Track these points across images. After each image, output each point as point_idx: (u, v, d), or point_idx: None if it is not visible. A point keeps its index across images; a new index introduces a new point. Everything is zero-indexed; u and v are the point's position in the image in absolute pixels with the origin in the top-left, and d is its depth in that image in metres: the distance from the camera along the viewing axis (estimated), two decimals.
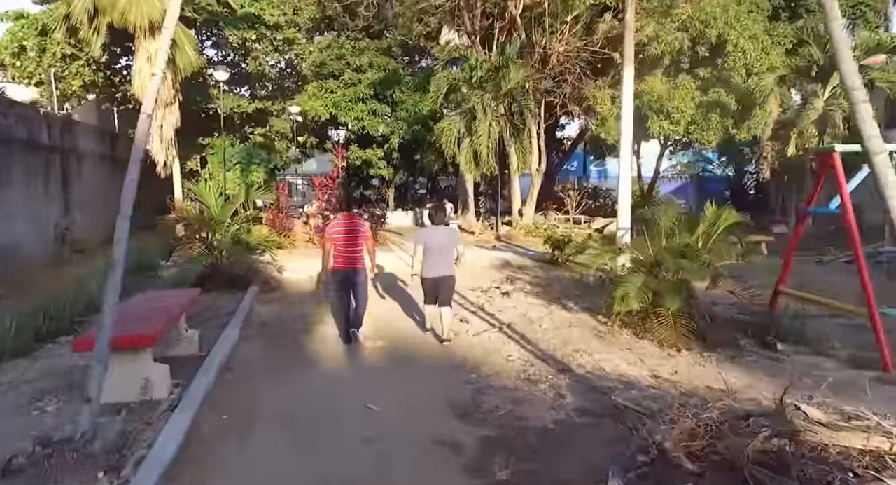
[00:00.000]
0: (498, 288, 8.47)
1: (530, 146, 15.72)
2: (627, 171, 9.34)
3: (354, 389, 4.48)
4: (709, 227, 5.91)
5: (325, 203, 14.36)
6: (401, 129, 19.48)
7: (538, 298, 7.77)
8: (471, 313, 7.03)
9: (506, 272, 10.03)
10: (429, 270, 5.67)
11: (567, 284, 8.84)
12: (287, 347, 5.63)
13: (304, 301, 7.74)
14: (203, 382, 4.35)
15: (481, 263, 11.10)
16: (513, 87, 14.20)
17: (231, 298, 7.64)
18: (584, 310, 6.94)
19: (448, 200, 21.00)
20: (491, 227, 18.23)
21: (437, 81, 14.84)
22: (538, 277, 9.44)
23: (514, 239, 15.23)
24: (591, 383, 4.47)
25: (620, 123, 9.19)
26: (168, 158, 13.39)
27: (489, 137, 14.19)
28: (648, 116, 13.62)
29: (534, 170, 16.33)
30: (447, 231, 5.92)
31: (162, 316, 4.45)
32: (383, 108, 19.19)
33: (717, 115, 13.44)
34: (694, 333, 5.34)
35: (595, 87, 14.96)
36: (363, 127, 18.97)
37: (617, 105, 14.98)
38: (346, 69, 18.85)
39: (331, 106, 18.53)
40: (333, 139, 23.13)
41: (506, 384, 4.55)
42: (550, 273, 9.92)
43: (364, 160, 20.36)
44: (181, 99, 13.40)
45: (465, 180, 19.35)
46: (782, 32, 13.74)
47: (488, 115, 14.07)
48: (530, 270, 10.23)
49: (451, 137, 14.52)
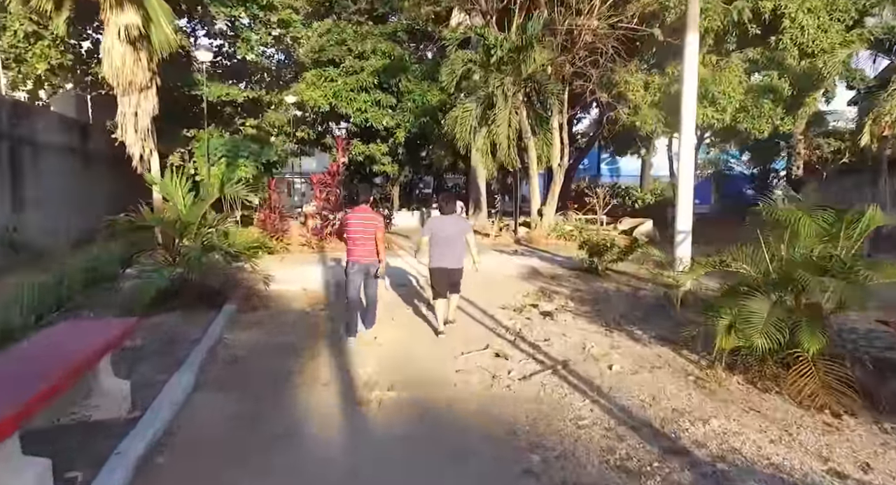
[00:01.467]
0: (535, 306, 6.80)
1: (552, 138, 14.05)
2: (690, 157, 7.66)
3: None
4: (851, 231, 4.20)
5: (323, 202, 12.74)
6: (407, 121, 17.82)
7: (591, 321, 6.09)
8: (508, 344, 5.35)
9: (537, 284, 8.36)
10: (436, 261, 5.59)
11: (619, 301, 7.15)
12: (263, 401, 3.97)
13: (295, 324, 6.09)
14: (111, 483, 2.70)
15: (505, 272, 9.43)
16: (535, 71, 12.54)
17: (200, 319, 5.99)
18: (659, 341, 5.26)
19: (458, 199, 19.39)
20: (506, 228, 16.55)
21: (450, 64, 13.17)
22: (580, 291, 7.76)
23: (536, 242, 13.55)
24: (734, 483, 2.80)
25: (682, 99, 7.51)
26: (145, 151, 11.73)
27: (509, 125, 12.52)
28: None
29: (555, 165, 14.66)
30: (456, 220, 5.85)
31: (57, 371, 2.81)
32: (388, 99, 17.52)
33: (768, 102, 11.76)
34: (852, 387, 3.65)
35: (626, 72, 13.29)
36: (366, 119, 17.31)
37: (651, 91, 13.35)
38: (348, 56, 17.19)
39: (331, 96, 16.88)
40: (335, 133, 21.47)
41: (590, 478, 2.89)
42: (592, 285, 8.24)
43: (367, 156, 18.71)
44: (159, 83, 11.75)
45: (477, 177, 17.72)
46: (842, 6, 12.04)
47: (508, 102, 12.41)
48: (567, 282, 8.55)
49: (466, 126, 12.86)
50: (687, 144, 7.57)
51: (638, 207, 21.99)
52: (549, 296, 7.41)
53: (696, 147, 16.26)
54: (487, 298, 7.29)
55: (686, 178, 7.60)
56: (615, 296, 7.44)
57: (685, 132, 7.57)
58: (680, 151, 7.60)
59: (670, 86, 12.69)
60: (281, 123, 16.73)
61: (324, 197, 12.59)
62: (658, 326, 5.77)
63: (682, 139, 7.60)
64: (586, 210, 17.93)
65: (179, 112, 13.24)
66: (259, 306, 6.84)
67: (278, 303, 7.19)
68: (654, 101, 13.06)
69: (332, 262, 10.44)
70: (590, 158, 30.91)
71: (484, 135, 13.25)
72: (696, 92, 7.53)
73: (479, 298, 7.29)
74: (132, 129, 11.36)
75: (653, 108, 12.89)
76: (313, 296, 7.69)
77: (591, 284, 8.30)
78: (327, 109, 17.25)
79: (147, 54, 11.03)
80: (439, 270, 5.57)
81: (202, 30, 19.98)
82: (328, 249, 12.28)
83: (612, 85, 13.51)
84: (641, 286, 8.09)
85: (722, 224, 18.70)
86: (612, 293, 7.59)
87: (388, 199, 21.79)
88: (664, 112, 12.66)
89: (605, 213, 17.91)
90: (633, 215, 17.71)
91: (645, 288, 7.98)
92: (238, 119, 15.11)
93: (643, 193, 23.07)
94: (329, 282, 8.59)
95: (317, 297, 7.64)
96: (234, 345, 5.27)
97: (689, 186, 7.68)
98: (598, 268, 9.01)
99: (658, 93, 12.97)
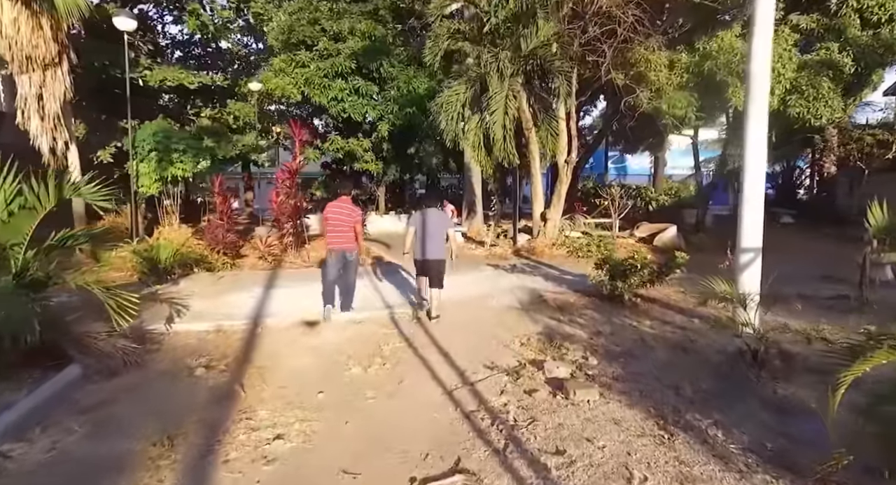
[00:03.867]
0: (539, 366, 4.50)
1: (558, 128, 11.75)
2: (762, 144, 5.31)
3: None
4: None
5: (279, 207, 10.47)
6: (391, 112, 15.53)
7: (629, 403, 3.80)
8: (494, 463, 3.06)
9: (542, 320, 6.08)
10: (420, 252, 6.08)
11: (667, 358, 4.84)
12: None
13: (164, 408, 3.81)
14: None
15: (499, 299, 7.16)
16: (538, 47, 10.24)
17: (19, 390, 3.76)
18: (761, 458, 2.96)
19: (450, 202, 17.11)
20: (504, 235, 14.25)
21: (433, 37, 10.86)
22: (603, 336, 5.47)
23: (540, 254, 11.26)
24: None
25: (750, 68, 5.21)
26: (57, 143, 9.50)
27: (506, 113, 10.23)
28: (727, 84, 9.66)
29: (561, 161, 12.34)
30: (438, 215, 6.25)
31: None
32: (368, 87, 15.25)
33: (827, 81, 9.44)
34: None
35: (647, 49, 10.99)
36: (343, 110, 15.03)
37: (676, 72, 11.04)
38: (322, 37, 14.90)
39: (302, 83, 14.59)
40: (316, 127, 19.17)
41: None
42: (619, 323, 5.95)
43: (347, 152, 16.43)
44: (74, 61, 9.51)
45: (471, 175, 15.42)
46: None
47: (505, 84, 10.11)
48: (583, 317, 6.25)
49: (453, 112, 10.58)
50: (756, 123, 5.24)
51: (652, 209, 19.64)
52: (558, 345, 5.12)
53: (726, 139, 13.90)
54: (472, 346, 5.06)
55: (755, 174, 5.29)
56: (658, 345, 5.13)
57: (755, 112, 5.26)
58: (747, 134, 5.28)
59: (701, 64, 10.41)
60: (248, 115, 14.47)
61: (279, 201, 10.32)
62: (746, 416, 3.49)
63: (751, 122, 5.28)
64: (596, 213, 15.65)
65: (114, 99, 10.98)
66: (127, 365, 4.56)
67: (164, 356, 4.93)
68: (680, 84, 10.76)
69: (283, 284, 8.16)
70: (595, 156, 28.61)
71: (475, 124, 10.97)
72: (768, 57, 5.21)
73: (460, 346, 5.06)
74: (36, 115, 9.13)
75: (679, 92, 10.60)
76: (226, 342, 5.42)
77: (616, 321, 6.00)
78: (299, 99, 14.97)
79: (51, 21, 8.80)
80: (422, 261, 6.13)
81: (169, 16, 17.91)
82: (287, 266, 10.02)
83: (630, 65, 11.21)
84: (689, 325, 5.79)
85: None
86: (650, 341, 5.28)
87: (374, 200, 19.51)
88: (696, 95, 10.39)
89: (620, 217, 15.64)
90: (649, 219, 15.38)
91: (693, 327, 5.68)
92: (191, 109, 12.83)
93: (657, 193, 20.73)
94: (262, 315, 6.31)
95: (230, 343, 5.38)
96: (8, 471, 3.00)
97: (759, 186, 5.36)
98: (622, 295, 6.72)
99: (686, 73, 10.68)
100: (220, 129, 13.07)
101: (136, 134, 9.86)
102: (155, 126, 10.15)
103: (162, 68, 12.03)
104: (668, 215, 16.04)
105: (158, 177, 9.72)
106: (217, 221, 10.18)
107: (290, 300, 7.07)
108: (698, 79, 10.70)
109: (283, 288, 7.96)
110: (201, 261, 9.03)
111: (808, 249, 12.43)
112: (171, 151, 9.88)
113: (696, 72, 10.46)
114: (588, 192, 22.52)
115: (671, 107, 10.35)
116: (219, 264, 9.23)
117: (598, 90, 14.19)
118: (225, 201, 10.13)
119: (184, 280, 8.35)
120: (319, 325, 6.01)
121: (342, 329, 5.92)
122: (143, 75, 10.83)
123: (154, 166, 9.83)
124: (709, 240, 12.57)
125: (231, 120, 13.92)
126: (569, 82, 10.18)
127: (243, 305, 6.85)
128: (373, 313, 6.46)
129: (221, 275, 8.84)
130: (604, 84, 11.81)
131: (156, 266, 8.07)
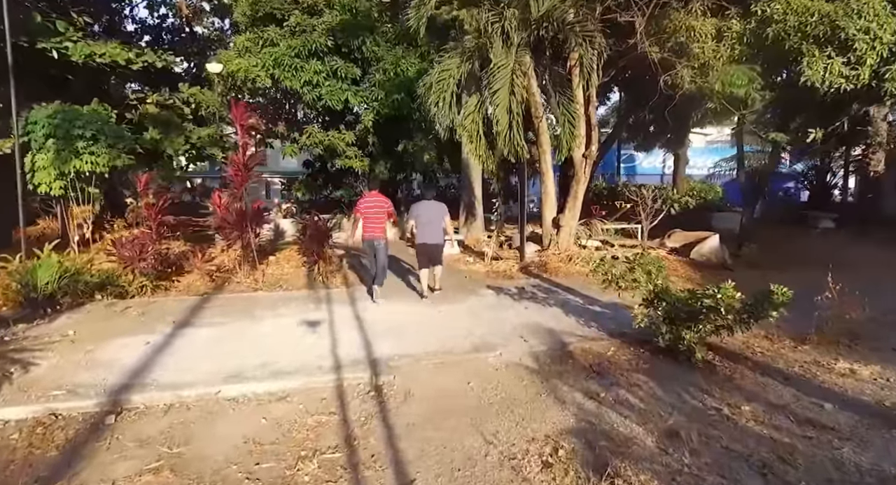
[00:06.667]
0: None
1: (576, 114, 9.46)
2: None
3: None
4: None
5: (223, 211, 8.21)
6: (376, 100, 13.29)
7: None
8: None
9: (574, 401, 3.83)
10: (420, 238, 6.91)
11: None
12: None
13: None
14: None
15: (504, 352, 4.88)
16: (553, 7, 7.96)
17: None
18: None
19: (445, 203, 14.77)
20: (508, 243, 11.98)
21: None
22: (676, 438, 3.17)
23: (553, 271, 8.99)
24: None
25: None
26: None
27: (512, 92, 7.96)
28: (803, 53, 7.38)
29: (578, 155, 10.06)
30: (435, 205, 7.03)
31: None
32: (349, 69, 13.00)
33: None
34: None
35: (687, 14, 8.70)
36: (319, 96, 12.78)
37: (726, 43, 8.73)
38: (294, 9, 12.67)
39: (271, 65, 12.35)
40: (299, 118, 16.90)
41: None
42: (694, 403, 3.67)
43: (326, 147, 14.18)
44: None
45: (469, 173, 13.20)
46: None
47: (512, 53, 7.84)
48: (637, 393, 3.98)
49: (444, 93, 8.33)
50: None
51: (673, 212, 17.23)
52: (609, 475, 2.83)
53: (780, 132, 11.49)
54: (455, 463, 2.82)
55: None
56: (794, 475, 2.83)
57: None
58: None
59: (759, 31, 8.12)
60: (208, 103, 12.24)
61: (223, 204, 8.07)
62: None
63: None
64: (617, 217, 13.35)
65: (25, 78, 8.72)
66: None
67: None
68: (731, 56, 8.45)
69: (211, 320, 5.89)
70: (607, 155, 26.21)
71: (474, 108, 8.71)
72: None
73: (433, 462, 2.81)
74: None
75: (734, 66, 8.29)
76: (42, 444, 3.18)
77: (693, 403, 3.72)
78: (268, 84, 12.72)
79: None
80: (423, 245, 6.94)
81: None
82: (232, 289, 7.79)
83: (667, 35, 8.92)
84: (825, 419, 3.49)
85: (777, 233, 14.14)
86: (774, 463, 2.97)
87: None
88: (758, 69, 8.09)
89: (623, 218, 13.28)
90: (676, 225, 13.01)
91: (841, 425, 3.37)
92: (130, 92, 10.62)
93: (679, 194, 18.34)
94: (139, 384, 4.03)
95: (46, 448, 3.13)
96: None
97: None
98: (689, 351, 4.43)
99: (739, 44, 8.38)
100: (169, 118, 10.82)
101: (28, 116, 7.64)
102: (55, 107, 7.92)
103: (90, 42, 9.79)
104: (693, 220, 13.68)
105: (59, 172, 7.49)
106: (144, 230, 7.95)
107: (204, 351, 4.85)
108: (754, 50, 8.40)
109: (207, 326, 5.72)
110: (109, 284, 6.78)
111: (877, 260, 10.14)
112: (73, 138, 7.63)
113: (753, 42, 8.16)
114: (600, 193, 20.21)
115: (727, 84, 8.04)
116: (134, 288, 6.97)
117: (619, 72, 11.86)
118: (153, 207, 7.89)
119: (71, 313, 6.11)
120: (219, 406, 3.77)
121: (251, 413, 3.68)
122: (61, 47, 8.60)
123: (52, 158, 7.60)
124: (760, 252, 10.28)
125: (188, 109, 11.68)
126: (595, 51, 7.86)
127: (126, 360, 4.60)
128: (308, 382, 4.20)
129: (129, 305, 6.58)
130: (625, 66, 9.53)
131: (30, 294, 5.84)
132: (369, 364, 4.56)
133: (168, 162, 11.04)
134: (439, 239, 6.91)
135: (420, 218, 6.90)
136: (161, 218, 7.98)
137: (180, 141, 10.67)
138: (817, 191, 21.51)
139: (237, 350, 4.88)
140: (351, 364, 4.56)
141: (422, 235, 6.88)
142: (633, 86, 14.58)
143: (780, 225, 15.89)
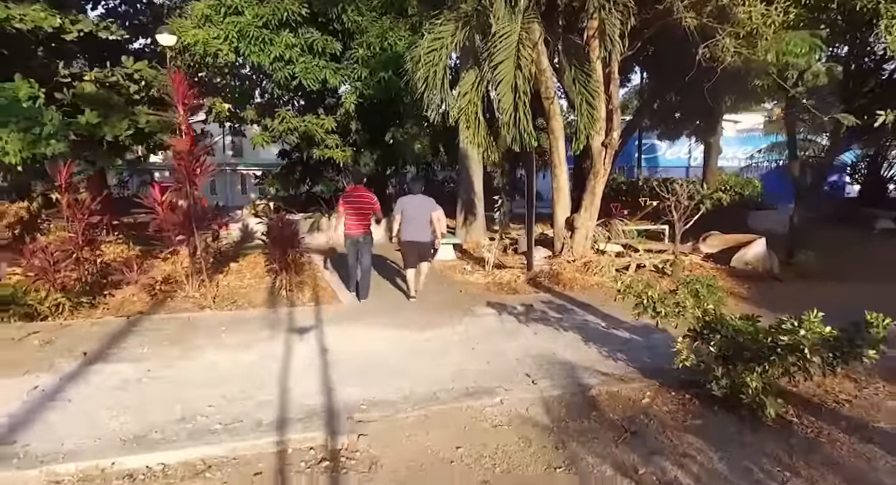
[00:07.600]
0: None
1: (595, 94, 8.62)
2: None
3: None
4: None
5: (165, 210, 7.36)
6: (359, 79, 12.45)
7: None
8: None
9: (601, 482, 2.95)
10: (406, 235, 6.86)
11: None
12: None
13: None
14: None
15: (505, 399, 4.04)
16: None
17: None
18: None
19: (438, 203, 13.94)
20: (513, 248, 11.15)
21: None
22: None
23: (567, 282, 8.16)
24: None
25: None
26: None
27: (518, 66, 7.12)
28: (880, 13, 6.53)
29: (597, 144, 9.22)
30: (423, 199, 6.98)
31: None
32: (328, 43, 12.14)
33: None
34: None
35: None
36: (292, 74, 11.93)
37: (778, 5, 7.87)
38: None
39: (235, 37, 11.51)
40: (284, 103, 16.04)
41: None
42: None
43: (303, 134, 13.36)
44: None
45: (468, 164, 12.38)
46: None
47: (518, 18, 7.01)
48: (689, 470, 3.11)
49: (436, 67, 7.49)
50: None
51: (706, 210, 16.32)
52: None
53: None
54: None
55: None
56: None
57: None
58: None
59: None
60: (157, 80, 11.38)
61: (163, 201, 7.22)
62: None
63: None
64: (641, 217, 12.48)
65: None
66: None
67: None
68: (785, 22, 7.61)
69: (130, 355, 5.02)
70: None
71: (471, 86, 7.85)
72: None
73: None
74: None
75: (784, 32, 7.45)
76: None
77: None
78: (232, 59, 11.88)
79: None
80: (409, 242, 6.89)
81: None
82: (175, 307, 6.97)
83: None
84: None
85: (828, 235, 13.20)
86: None
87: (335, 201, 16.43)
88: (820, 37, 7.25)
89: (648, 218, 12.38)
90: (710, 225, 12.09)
91: None
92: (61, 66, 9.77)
93: (711, 189, 17.44)
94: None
95: None
96: None
97: None
98: (755, 403, 3.60)
99: (795, 6, 7.54)
100: (108, 98, 9.97)
101: None
102: None
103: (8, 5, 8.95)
104: (728, 220, 12.75)
105: None
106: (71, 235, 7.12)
107: (109, 399, 3.99)
108: (813, 14, 7.57)
109: (125, 361, 4.85)
110: (12, 302, 5.95)
111: None
112: None
113: (813, 3, 7.33)
114: (619, 189, 19.32)
115: (783, 53, 7.21)
116: (46, 307, 6.13)
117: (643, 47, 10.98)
118: (78, 204, 7.06)
119: None
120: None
121: None
122: None
123: None
124: (817, 261, 9.44)
125: (134, 87, 10.83)
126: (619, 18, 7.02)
127: None
128: (240, 447, 3.36)
129: (32, 330, 5.72)
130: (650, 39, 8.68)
131: None
132: (327, 418, 3.73)
133: (106, 151, 10.21)
134: (426, 236, 6.88)
135: (406, 213, 6.86)
136: (88, 219, 7.15)
137: (123, 125, 9.82)
138: (870, 185, 20.54)
139: (154, 397, 4.04)
140: (303, 418, 3.72)
141: (407, 231, 6.84)
142: (659, 63, 13.71)
143: (828, 225, 14.93)
